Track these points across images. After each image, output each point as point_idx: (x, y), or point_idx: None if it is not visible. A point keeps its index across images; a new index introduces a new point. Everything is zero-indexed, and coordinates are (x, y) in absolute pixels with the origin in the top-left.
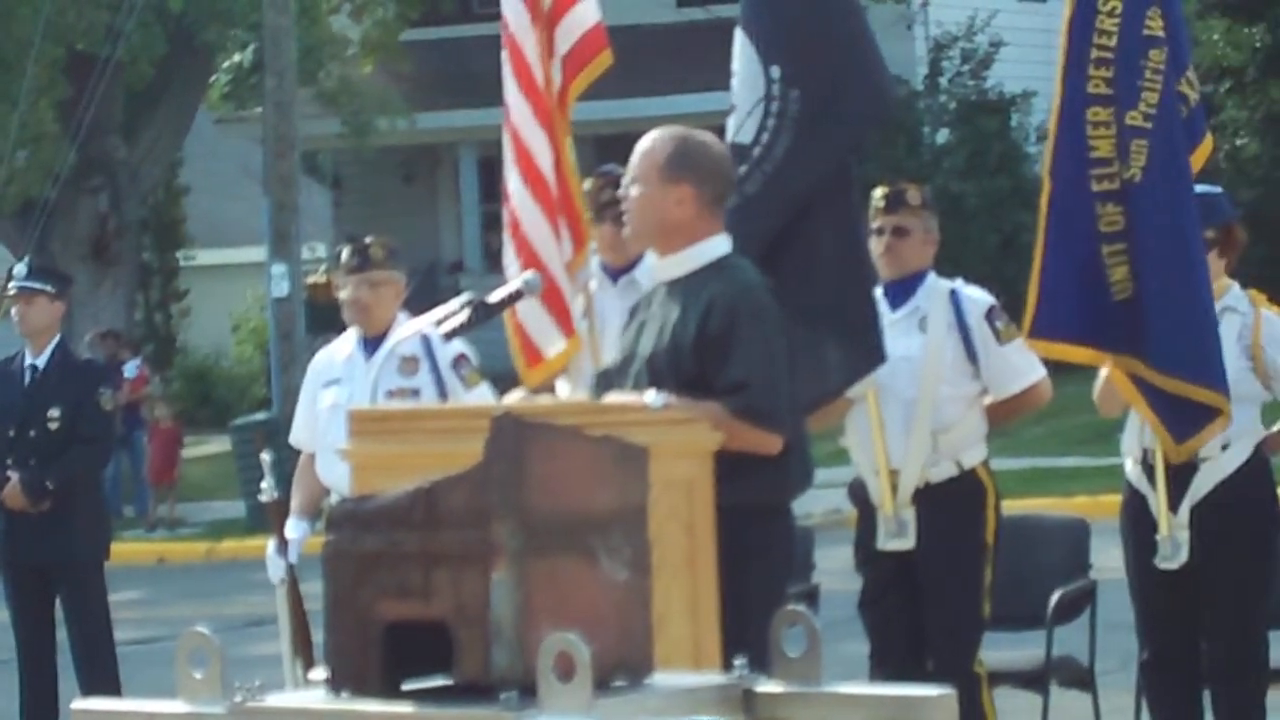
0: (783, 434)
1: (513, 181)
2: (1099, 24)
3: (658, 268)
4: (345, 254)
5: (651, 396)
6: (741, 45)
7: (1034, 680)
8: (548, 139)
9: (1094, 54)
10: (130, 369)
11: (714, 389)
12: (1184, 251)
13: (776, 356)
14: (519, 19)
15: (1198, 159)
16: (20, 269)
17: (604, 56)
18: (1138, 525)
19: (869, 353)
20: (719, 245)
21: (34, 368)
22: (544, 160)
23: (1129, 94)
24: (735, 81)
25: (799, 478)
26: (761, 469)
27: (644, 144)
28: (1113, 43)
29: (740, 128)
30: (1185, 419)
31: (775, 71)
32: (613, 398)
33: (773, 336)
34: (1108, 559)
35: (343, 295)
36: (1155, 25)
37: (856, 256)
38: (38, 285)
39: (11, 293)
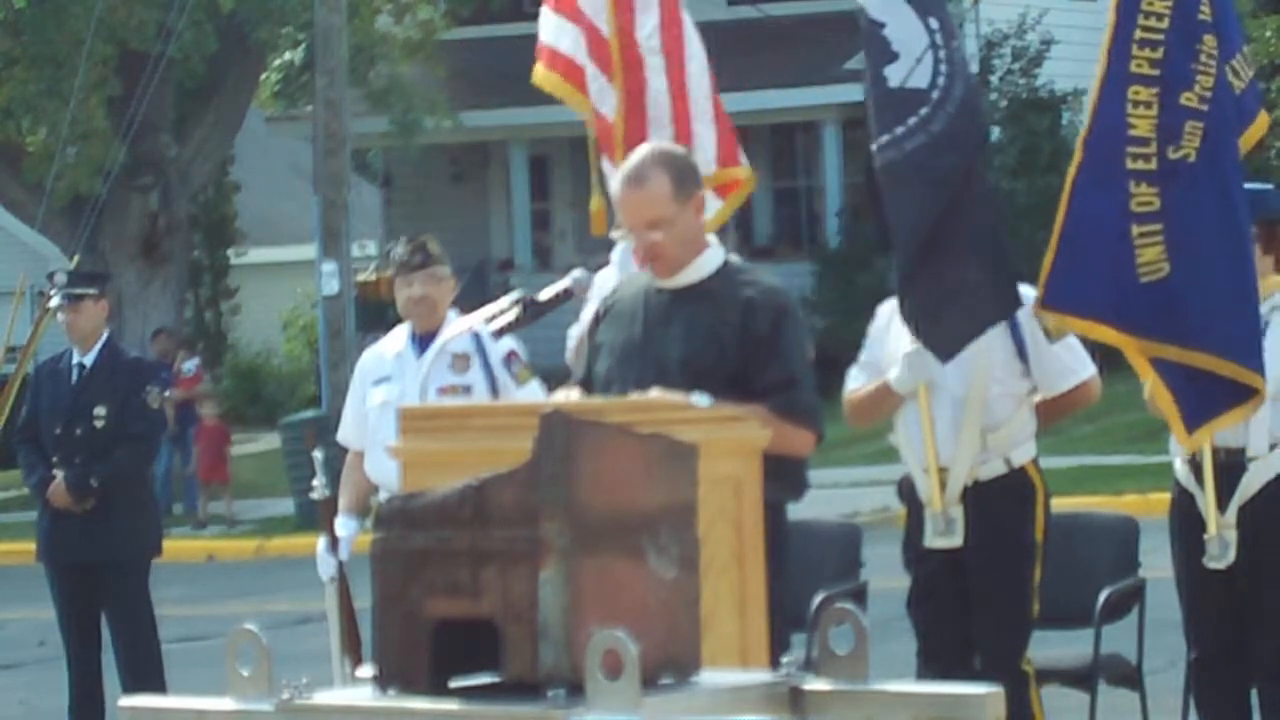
0: (821, 433)
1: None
2: (1146, 5)
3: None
4: (405, 253)
5: (697, 397)
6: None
7: (1082, 679)
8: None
9: (1139, 34)
10: (189, 366)
11: (755, 387)
12: (1232, 234)
13: (809, 359)
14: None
15: (1251, 136)
16: (61, 278)
17: None
18: (1186, 524)
19: (1014, 294)
20: (718, 250)
21: (81, 366)
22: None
23: (1183, 76)
24: (889, 31)
25: (806, 481)
26: (787, 468)
27: (637, 192)
28: (1164, 25)
29: (911, 73)
30: (1203, 407)
31: (934, 23)
32: (657, 395)
33: (806, 339)
34: (1157, 558)
35: (408, 292)
36: (1207, 12)
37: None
38: (82, 290)
39: (57, 303)
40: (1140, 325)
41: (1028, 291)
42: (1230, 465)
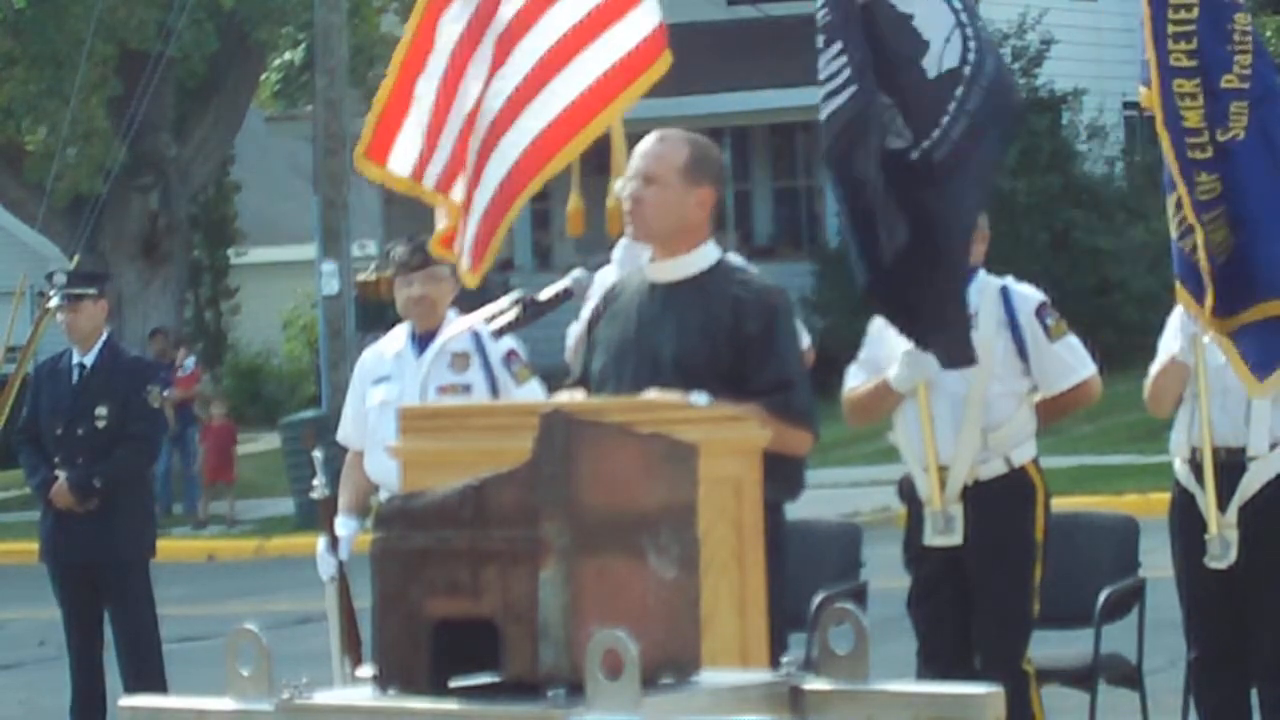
0: (816, 433)
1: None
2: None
3: (656, 269)
4: (405, 252)
5: (696, 397)
6: None
7: (1082, 678)
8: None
9: (1171, 29)
10: (187, 365)
11: (750, 387)
12: None
13: (805, 359)
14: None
15: None
16: (60, 278)
17: (664, 59)
18: (1187, 524)
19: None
20: (714, 248)
21: (82, 366)
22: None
23: (1220, 60)
24: (918, 21)
25: (804, 481)
26: (785, 468)
27: (653, 146)
28: (1193, 15)
29: (943, 56)
30: (1270, 355)
31: (957, 2)
32: (654, 395)
33: (800, 338)
34: (1157, 558)
35: (408, 292)
36: None
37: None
38: (81, 290)
39: (56, 303)
40: (1226, 305)
41: (1027, 291)
42: (1230, 465)
